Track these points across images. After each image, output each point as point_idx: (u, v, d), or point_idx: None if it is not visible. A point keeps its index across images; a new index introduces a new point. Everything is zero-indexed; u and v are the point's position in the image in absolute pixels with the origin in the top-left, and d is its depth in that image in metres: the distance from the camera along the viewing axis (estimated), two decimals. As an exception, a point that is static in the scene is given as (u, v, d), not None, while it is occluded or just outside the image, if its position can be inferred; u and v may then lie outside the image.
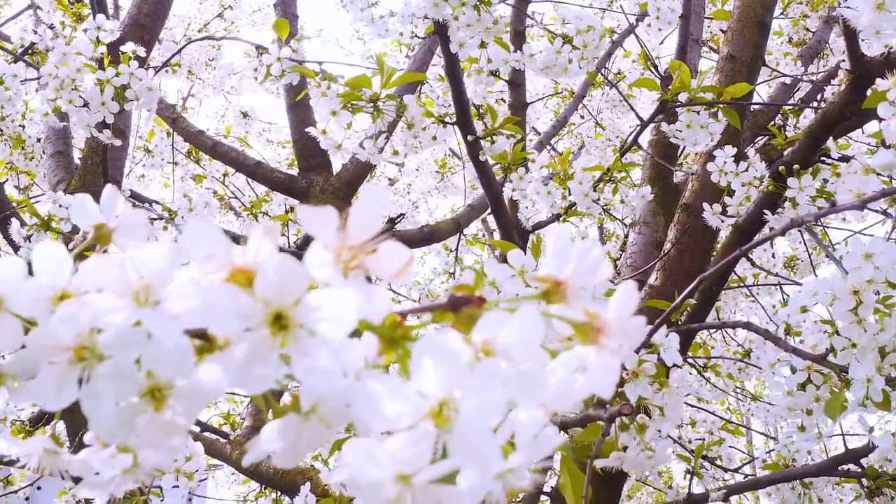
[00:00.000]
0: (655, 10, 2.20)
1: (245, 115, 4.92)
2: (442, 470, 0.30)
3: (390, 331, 0.34)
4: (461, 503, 0.31)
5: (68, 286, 0.39)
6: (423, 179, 5.26)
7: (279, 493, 3.15)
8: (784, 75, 2.43)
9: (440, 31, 1.71)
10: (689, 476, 2.00)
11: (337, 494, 1.47)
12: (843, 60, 2.16)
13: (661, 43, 3.19)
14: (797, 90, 2.80)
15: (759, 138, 2.47)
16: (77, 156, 2.69)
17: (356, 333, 0.33)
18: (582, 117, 4.58)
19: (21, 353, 0.38)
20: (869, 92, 1.47)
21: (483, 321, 0.31)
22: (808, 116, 2.31)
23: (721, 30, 2.28)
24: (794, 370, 1.33)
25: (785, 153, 1.63)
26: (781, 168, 1.49)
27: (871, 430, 1.18)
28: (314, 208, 0.31)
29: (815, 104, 2.67)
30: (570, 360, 0.34)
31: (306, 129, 1.53)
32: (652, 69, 2.48)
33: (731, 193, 1.76)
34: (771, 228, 2.03)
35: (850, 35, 1.35)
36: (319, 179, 3.04)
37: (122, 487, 0.42)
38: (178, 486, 1.65)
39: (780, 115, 2.64)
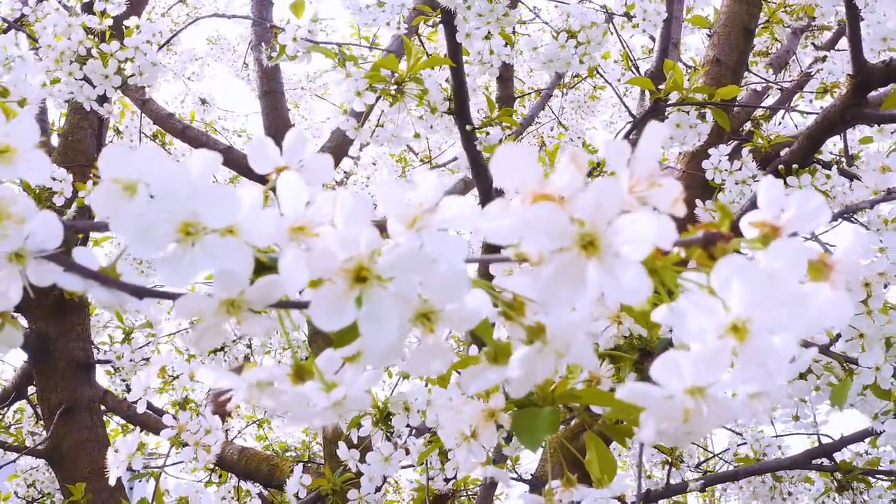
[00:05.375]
0: (642, 12, 2.26)
1: (203, 101, 4.88)
2: (733, 383, 0.33)
3: (650, 262, 0.36)
4: (733, 414, 0.34)
5: (306, 218, 0.40)
6: (380, 174, 5.23)
7: (239, 480, 3.12)
8: (766, 81, 2.51)
9: (447, 20, 1.72)
10: (667, 467, 2.06)
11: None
12: (821, 69, 2.25)
13: (631, 37, 3.25)
14: (766, 96, 2.89)
15: (731, 141, 2.55)
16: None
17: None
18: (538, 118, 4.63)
19: (267, 280, 0.39)
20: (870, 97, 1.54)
21: (770, 249, 0.34)
22: (784, 123, 2.40)
23: (707, 34, 2.34)
24: (793, 359, 1.39)
25: (782, 153, 1.70)
26: (780, 167, 1.55)
27: (876, 416, 1.23)
28: (616, 142, 0.33)
29: (783, 110, 2.76)
30: (813, 293, 0.37)
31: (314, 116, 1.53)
32: (633, 69, 2.54)
33: (721, 191, 1.82)
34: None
35: (855, 41, 1.41)
36: (291, 167, 3.02)
37: (326, 420, 0.44)
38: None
39: (750, 121, 2.73)
